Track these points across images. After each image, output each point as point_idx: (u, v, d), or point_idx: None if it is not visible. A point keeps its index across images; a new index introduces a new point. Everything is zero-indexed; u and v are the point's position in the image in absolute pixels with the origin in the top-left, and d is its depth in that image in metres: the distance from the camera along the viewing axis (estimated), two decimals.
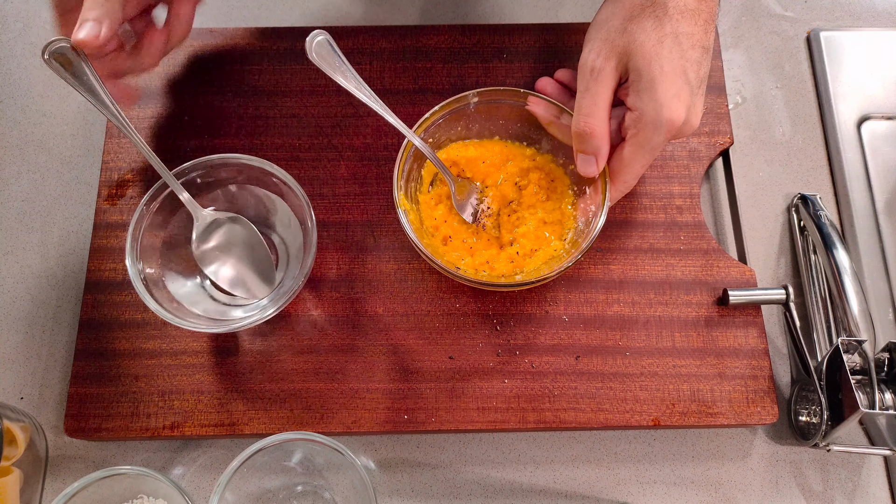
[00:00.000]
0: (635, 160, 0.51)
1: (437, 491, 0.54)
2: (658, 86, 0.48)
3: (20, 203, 0.62)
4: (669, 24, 0.48)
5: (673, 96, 0.48)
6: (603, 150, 0.51)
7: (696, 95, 0.49)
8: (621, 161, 0.51)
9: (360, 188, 0.59)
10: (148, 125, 0.61)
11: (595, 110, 0.50)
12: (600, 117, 0.50)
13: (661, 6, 0.48)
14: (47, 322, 0.58)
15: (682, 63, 0.48)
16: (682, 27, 0.48)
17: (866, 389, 0.51)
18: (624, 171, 0.51)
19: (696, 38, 0.48)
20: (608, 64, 0.49)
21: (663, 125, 0.48)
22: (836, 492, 0.54)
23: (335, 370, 0.54)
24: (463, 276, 0.51)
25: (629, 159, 0.51)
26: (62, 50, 0.48)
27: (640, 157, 0.51)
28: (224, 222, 0.54)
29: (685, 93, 0.48)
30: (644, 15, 0.48)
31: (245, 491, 0.48)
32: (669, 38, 0.48)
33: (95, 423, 0.53)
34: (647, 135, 0.49)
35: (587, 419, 0.53)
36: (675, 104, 0.48)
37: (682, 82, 0.48)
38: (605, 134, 0.50)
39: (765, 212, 0.62)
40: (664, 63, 0.48)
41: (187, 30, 0.55)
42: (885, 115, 0.65)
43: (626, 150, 0.51)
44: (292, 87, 0.62)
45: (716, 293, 0.56)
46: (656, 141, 0.49)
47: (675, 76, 0.48)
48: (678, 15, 0.48)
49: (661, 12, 0.48)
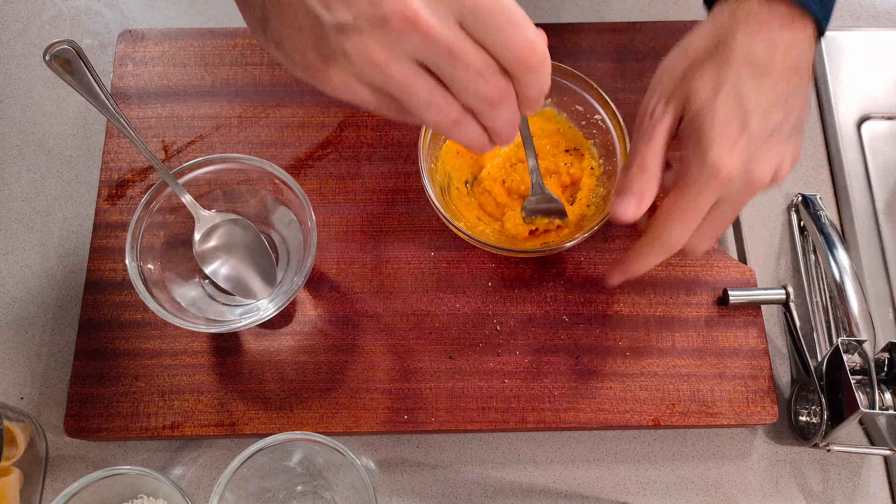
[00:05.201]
0: (672, 208, 0.45)
1: (437, 491, 0.54)
2: (705, 134, 0.43)
3: (20, 203, 0.62)
4: (731, 72, 0.44)
5: (722, 143, 0.43)
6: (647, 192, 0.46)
7: (761, 149, 0.44)
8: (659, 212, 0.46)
9: (360, 187, 0.59)
10: (148, 125, 0.61)
11: (648, 150, 0.46)
12: (652, 156, 0.45)
13: (723, 54, 0.45)
14: (47, 322, 0.58)
15: (739, 111, 0.43)
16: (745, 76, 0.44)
17: (866, 389, 0.51)
18: (661, 222, 0.45)
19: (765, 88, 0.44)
20: (667, 109, 0.46)
21: (707, 176, 0.43)
22: (836, 492, 0.54)
23: (335, 370, 0.54)
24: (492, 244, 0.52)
25: (666, 207, 0.45)
26: (64, 52, 0.48)
27: (679, 205, 0.44)
28: (225, 223, 0.54)
29: (741, 144, 0.43)
30: (706, 61, 0.45)
31: (245, 491, 0.48)
32: (728, 86, 0.44)
33: (95, 423, 0.53)
34: (689, 178, 0.44)
35: (587, 419, 0.53)
36: (723, 151, 0.43)
37: (738, 131, 0.43)
38: (654, 173, 0.46)
39: (765, 212, 0.62)
40: (720, 107, 0.43)
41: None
42: (885, 115, 0.65)
43: (665, 201, 0.45)
44: (292, 87, 0.62)
45: (716, 293, 0.56)
46: (698, 185, 0.43)
47: (728, 126, 0.43)
48: (742, 64, 0.44)
49: (723, 60, 0.44)
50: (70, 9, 0.69)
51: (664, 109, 0.46)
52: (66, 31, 0.68)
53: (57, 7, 0.69)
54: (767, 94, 0.44)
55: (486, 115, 0.36)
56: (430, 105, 0.35)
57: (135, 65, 0.63)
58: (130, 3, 0.69)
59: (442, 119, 0.36)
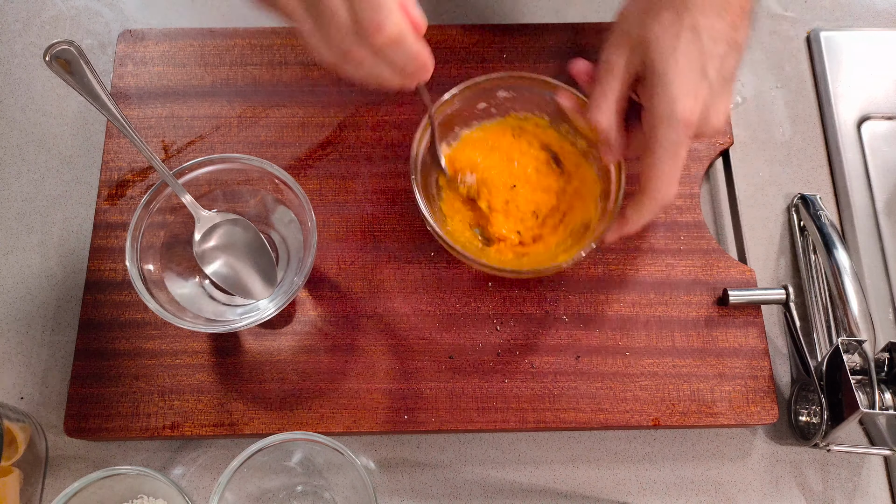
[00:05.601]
0: (657, 164, 0.47)
1: (437, 491, 0.54)
2: (671, 81, 0.45)
3: (20, 203, 0.62)
4: (689, 17, 0.45)
5: (687, 93, 0.45)
6: (613, 142, 0.50)
7: (719, 94, 0.46)
8: (646, 169, 0.48)
9: (360, 187, 0.59)
10: (148, 125, 0.61)
11: (602, 102, 0.49)
12: (607, 110, 0.48)
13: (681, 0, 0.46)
14: (47, 322, 0.58)
15: (700, 58, 0.45)
16: (703, 21, 0.45)
17: (866, 389, 0.51)
18: (652, 179, 0.48)
19: (721, 33, 0.46)
20: (621, 58, 0.48)
21: (678, 122, 0.45)
22: (836, 492, 0.54)
23: (335, 370, 0.54)
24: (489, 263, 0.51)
25: (651, 164, 0.47)
26: (64, 52, 0.48)
27: (663, 160, 0.47)
28: (225, 223, 0.54)
29: (703, 90, 0.45)
30: (662, 7, 0.46)
31: (245, 491, 0.48)
32: (688, 32, 0.45)
33: (95, 423, 0.53)
34: (662, 133, 0.46)
35: (587, 419, 0.53)
36: (690, 101, 0.45)
37: (699, 78, 0.45)
38: (612, 127, 0.49)
39: (765, 212, 0.62)
40: (679, 58, 0.45)
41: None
42: (885, 115, 0.65)
43: (647, 157, 0.48)
44: (292, 87, 0.62)
45: (716, 293, 0.56)
46: (673, 139, 0.46)
47: (691, 72, 0.45)
48: (700, 8, 0.45)
49: (681, 5, 0.46)
50: (70, 9, 0.69)
51: (618, 58, 0.48)
52: (66, 31, 0.68)
53: (57, 7, 0.69)
54: (724, 41, 0.46)
55: (356, 66, 0.42)
56: (310, 40, 0.41)
57: (135, 65, 0.63)
58: (130, 3, 0.69)
59: (321, 55, 0.42)
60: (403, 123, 0.61)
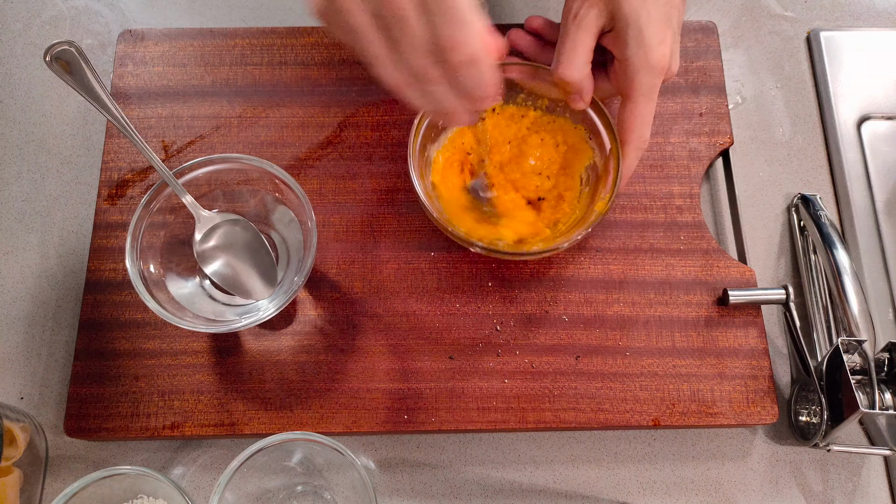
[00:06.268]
0: (637, 109, 0.51)
1: (437, 491, 0.54)
2: (644, 31, 0.48)
3: (20, 203, 0.62)
4: None
5: (659, 42, 0.49)
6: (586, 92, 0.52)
7: (676, 42, 0.51)
8: (627, 115, 0.51)
9: (360, 187, 0.59)
10: (148, 125, 0.61)
11: (574, 57, 0.50)
12: (580, 65, 0.50)
13: None
14: (47, 322, 0.58)
15: (666, 10, 0.49)
16: None
17: (866, 389, 0.51)
18: (634, 124, 0.51)
19: None
20: (592, 10, 0.50)
21: (653, 69, 0.49)
22: (836, 492, 0.54)
23: (335, 370, 0.54)
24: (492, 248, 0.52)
25: (631, 110, 0.51)
26: (64, 53, 0.48)
27: (641, 105, 0.51)
28: (225, 223, 0.54)
29: (669, 38, 0.49)
30: None
31: (245, 491, 0.48)
32: None
33: (95, 423, 0.53)
34: (640, 80, 0.49)
35: (587, 419, 0.53)
36: (662, 49, 0.49)
37: (667, 28, 0.49)
38: (586, 80, 0.51)
39: (765, 212, 0.62)
40: (651, 10, 0.48)
41: None
42: (885, 115, 0.65)
43: (627, 104, 0.51)
44: (292, 87, 0.62)
45: (716, 293, 0.56)
46: (649, 84, 0.50)
47: (661, 22, 0.49)
48: None
49: None
50: (70, 9, 0.69)
51: (588, 10, 0.50)
52: (66, 31, 0.68)
53: (57, 7, 0.69)
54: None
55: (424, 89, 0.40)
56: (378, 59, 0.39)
57: (135, 65, 0.63)
58: (130, 3, 0.69)
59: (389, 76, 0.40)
60: (403, 123, 0.61)
